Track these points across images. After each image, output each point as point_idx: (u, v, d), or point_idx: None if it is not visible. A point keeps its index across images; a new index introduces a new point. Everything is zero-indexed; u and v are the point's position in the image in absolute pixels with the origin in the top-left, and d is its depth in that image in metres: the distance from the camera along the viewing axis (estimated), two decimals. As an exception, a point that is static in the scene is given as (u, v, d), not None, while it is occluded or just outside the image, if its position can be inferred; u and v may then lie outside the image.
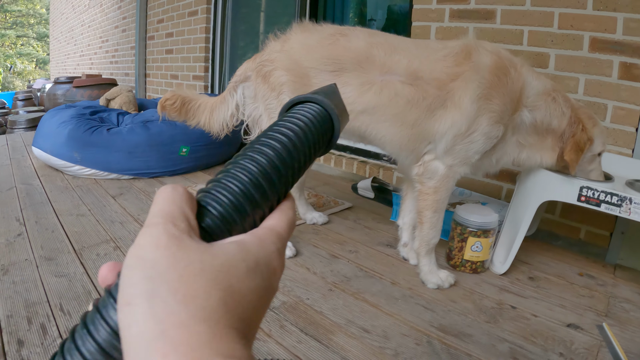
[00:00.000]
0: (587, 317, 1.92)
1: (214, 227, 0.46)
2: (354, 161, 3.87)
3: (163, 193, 0.45)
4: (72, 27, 13.63)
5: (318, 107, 0.60)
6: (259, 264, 0.43)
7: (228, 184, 0.48)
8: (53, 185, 3.46)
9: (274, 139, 0.53)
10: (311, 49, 2.15)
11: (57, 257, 2.26)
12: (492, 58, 1.97)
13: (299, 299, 1.93)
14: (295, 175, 0.55)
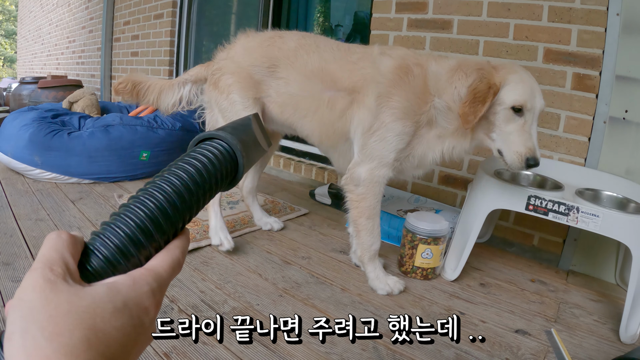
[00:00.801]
0: (535, 323, 1.96)
1: (99, 268, 0.50)
2: (313, 167, 3.90)
3: (48, 240, 0.49)
4: (40, 25, 13.47)
5: (222, 144, 0.63)
6: (127, 304, 0.48)
7: (116, 228, 0.52)
8: (13, 188, 3.42)
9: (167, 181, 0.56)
10: (251, 51, 2.37)
11: (15, 262, 2.24)
12: (393, 60, 2.08)
13: (249, 305, 1.95)
14: (190, 213, 0.58)
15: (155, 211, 0.54)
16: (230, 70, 2.38)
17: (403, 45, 3.03)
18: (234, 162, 0.64)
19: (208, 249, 2.49)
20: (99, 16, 7.80)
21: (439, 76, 2.03)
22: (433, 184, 3.08)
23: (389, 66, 2.06)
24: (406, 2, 3.13)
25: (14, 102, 7.99)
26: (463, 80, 1.97)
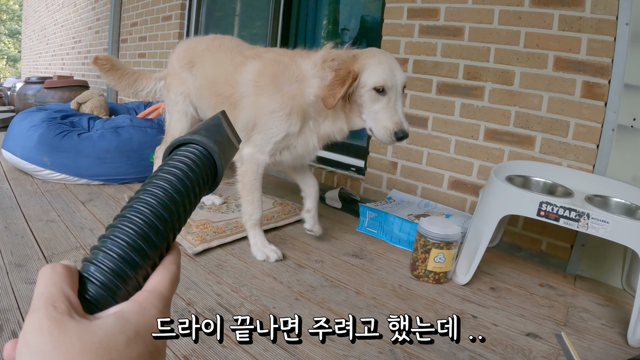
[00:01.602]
0: (546, 327, 1.97)
1: (98, 296, 0.49)
2: (322, 171, 3.91)
3: (43, 275, 0.47)
4: (45, 25, 13.44)
5: (198, 148, 0.62)
6: (139, 332, 0.47)
7: (108, 251, 0.50)
8: (22, 189, 3.42)
9: (153, 195, 0.55)
10: (179, 55, 2.84)
11: (27, 263, 2.23)
12: (262, 63, 2.42)
13: (266, 308, 1.96)
14: (180, 223, 0.58)
15: (145, 228, 0.53)
16: (170, 73, 2.88)
17: (415, 52, 3.07)
18: (213, 165, 0.63)
19: (221, 252, 2.51)
20: (106, 17, 7.80)
21: (306, 71, 2.27)
22: (443, 189, 3.10)
23: (258, 69, 2.41)
24: (418, 9, 3.15)
25: (19, 102, 7.96)
26: (328, 71, 2.15)
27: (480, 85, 2.88)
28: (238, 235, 2.69)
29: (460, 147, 3.01)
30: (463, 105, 2.96)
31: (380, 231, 2.82)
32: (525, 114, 2.73)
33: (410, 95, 3.23)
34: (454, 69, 2.99)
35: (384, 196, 3.41)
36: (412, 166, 3.26)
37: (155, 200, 0.54)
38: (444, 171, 3.09)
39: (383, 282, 2.28)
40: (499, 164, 2.68)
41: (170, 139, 2.31)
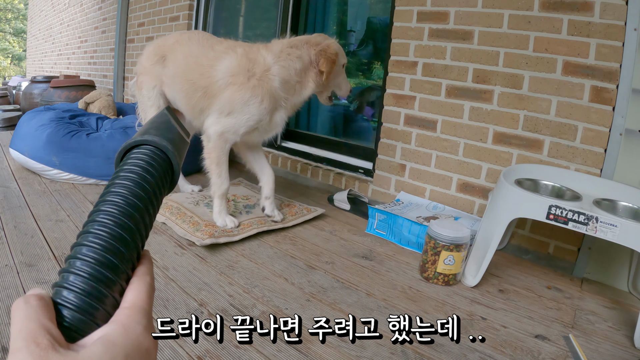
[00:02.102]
0: (554, 329, 1.98)
1: (77, 322, 0.46)
2: (331, 172, 3.92)
3: (17, 310, 0.44)
4: (51, 25, 13.44)
5: (151, 149, 0.60)
6: (128, 354, 0.45)
7: (79, 272, 0.48)
8: (31, 188, 3.43)
9: (113, 204, 0.53)
10: (149, 55, 3.07)
11: (38, 263, 2.24)
12: (233, 57, 2.76)
13: (278, 309, 1.97)
14: (146, 230, 0.56)
15: (112, 240, 0.51)
16: (141, 71, 3.10)
17: (424, 55, 3.09)
18: (169, 163, 0.61)
19: (231, 253, 2.53)
20: (112, 17, 7.80)
21: (270, 61, 2.71)
22: (451, 192, 3.11)
23: (232, 64, 2.74)
24: (428, 12, 3.15)
25: (25, 101, 7.96)
26: (294, 57, 2.74)
27: (489, 88, 2.89)
28: (246, 234, 2.71)
29: (468, 150, 3.01)
30: (472, 108, 2.97)
31: (389, 233, 2.84)
32: (534, 118, 2.74)
33: (420, 98, 3.24)
34: (463, 72, 3.00)
35: (392, 198, 3.42)
36: (421, 168, 3.27)
37: (116, 209, 0.53)
38: (453, 174, 3.10)
39: (393, 284, 2.29)
40: (508, 167, 2.70)
41: None
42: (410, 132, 3.32)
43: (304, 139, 4.45)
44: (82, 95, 5.77)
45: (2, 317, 1.77)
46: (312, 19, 4.54)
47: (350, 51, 4.59)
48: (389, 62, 3.42)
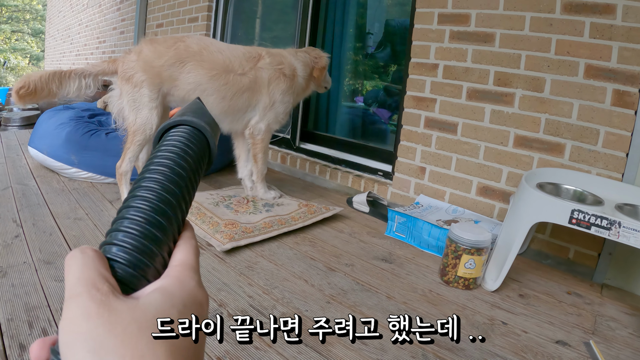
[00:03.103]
0: (574, 335, 1.97)
1: (129, 276, 0.46)
2: (349, 175, 3.91)
3: (74, 259, 0.44)
4: (69, 25, 13.53)
5: (190, 129, 0.62)
6: (186, 305, 0.45)
7: (129, 230, 0.48)
8: (49, 186, 3.46)
9: (158, 172, 0.54)
10: (161, 54, 3.01)
11: (56, 261, 2.26)
12: (274, 58, 3.21)
13: (298, 311, 1.97)
14: (187, 202, 0.56)
15: (160, 203, 0.51)
16: (142, 69, 2.99)
17: (445, 58, 3.09)
18: (206, 144, 0.62)
19: (251, 254, 2.53)
20: (131, 18, 7.84)
21: (295, 63, 3.31)
22: (471, 195, 3.10)
23: (272, 63, 3.19)
24: (448, 14, 3.15)
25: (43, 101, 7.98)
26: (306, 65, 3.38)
27: (510, 91, 2.87)
28: (266, 235, 2.71)
29: (489, 153, 3.00)
30: (493, 111, 2.95)
31: (409, 236, 2.83)
32: (555, 122, 2.72)
33: (440, 100, 3.23)
34: (484, 75, 2.98)
35: (412, 201, 3.41)
36: (441, 171, 3.26)
37: (162, 176, 0.54)
38: (473, 177, 3.09)
39: (413, 287, 2.28)
40: (530, 170, 2.68)
41: (143, 136, 3.05)
42: (431, 135, 3.31)
43: (323, 141, 4.45)
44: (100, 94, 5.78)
45: (20, 313, 1.79)
46: (330, 21, 4.54)
47: (368, 53, 4.60)
48: (410, 65, 3.41)
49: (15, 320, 1.74)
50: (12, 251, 2.34)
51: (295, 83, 3.30)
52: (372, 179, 3.78)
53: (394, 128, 4.11)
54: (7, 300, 1.88)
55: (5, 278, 2.06)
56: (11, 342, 1.61)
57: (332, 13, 4.53)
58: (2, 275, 2.08)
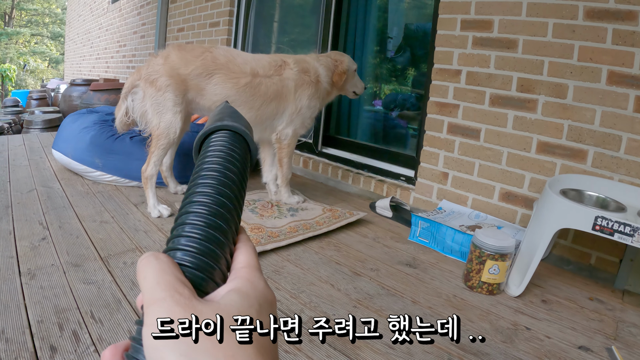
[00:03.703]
0: (596, 340, 1.97)
1: (198, 279, 0.47)
2: (372, 179, 3.92)
3: (149, 265, 0.45)
4: (89, 29, 13.63)
5: (231, 133, 0.63)
6: (261, 304, 0.47)
7: (191, 235, 0.50)
8: (74, 189, 3.50)
9: (211, 177, 0.55)
10: (188, 62, 3.04)
11: (84, 263, 2.29)
12: (298, 65, 3.27)
13: (326, 315, 1.98)
14: (241, 205, 0.58)
15: (217, 206, 0.52)
16: (168, 74, 3.01)
17: (468, 64, 3.09)
18: (247, 147, 0.64)
19: (277, 258, 2.55)
20: (152, 22, 7.89)
21: (320, 69, 3.35)
22: (493, 201, 3.10)
23: (297, 70, 3.25)
24: (471, 20, 3.16)
25: (64, 103, 8.07)
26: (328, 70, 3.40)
27: (533, 98, 2.88)
28: (292, 239, 2.73)
29: (512, 159, 3.01)
30: (516, 117, 2.96)
31: (432, 241, 2.84)
32: (578, 128, 2.73)
33: (463, 106, 3.24)
34: (507, 81, 2.99)
35: (434, 206, 3.43)
36: (464, 177, 3.28)
37: (216, 181, 0.55)
38: (495, 183, 3.10)
39: (438, 292, 2.30)
40: (553, 177, 2.68)
41: (167, 139, 3.07)
42: (454, 141, 3.32)
43: (345, 146, 4.46)
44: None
45: (49, 315, 1.82)
46: (352, 25, 4.56)
47: (387, 58, 4.61)
48: (432, 70, 3.42)
49: (45, 322, 1.76)
50: (39, 253, 2.38)
51: (319, 88, 3.33)
52: (394, 184, 3.79)
53: (413, 132, 4.12)
54: (37, 302, 1.90)
55: (34, 280, 2.09)
56: (42, 343, 1.63)
57: (354, 17, 4.54)
58: (30, 277, 2.11)
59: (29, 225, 2.73)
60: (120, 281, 2.14)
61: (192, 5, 6.54)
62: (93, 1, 13.18)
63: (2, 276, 2.11)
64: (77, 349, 1.62)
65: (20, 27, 30.52)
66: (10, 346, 1.61)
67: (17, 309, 1.84)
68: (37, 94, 10.40)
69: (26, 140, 5.55)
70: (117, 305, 1.93)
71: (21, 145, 5.20)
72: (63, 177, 3.82)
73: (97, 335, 1.71)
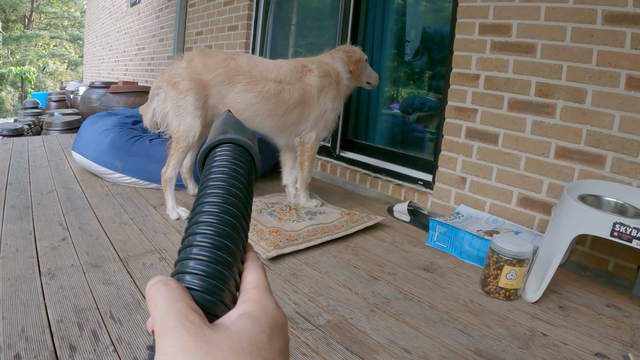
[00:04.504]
0: (613, 347, 1.96)
1: (208, 303, 0.47)
2: (390, 184, 3.93)
3: (159, 292, 0.45)
4: (108, 32, 13.72)
5: (234, 146, 0.63)
6: (272, 328, 0.46)
7: (199, 257, 0.49)
8: (93, 191, 3.54)
9: (216, 195, 0.55)
10: (211, 68, 3.08)
11: (104, 264, 2.31)
12: (320, 68, 3.27)
13: (343, 318, 1.99)
14: (247, 222, 0.57)
15: (223, 226, 0.52)
16: (190, 78, 3.06)
17: (486, 68, 3.09)
18: (251, 159, 0.63)
19: (295, 261, 2.56)
20: (170, 25, 7.93)
21: (337, 66, 3.36)
22: (511, 206, 3.10)
23: (319, 73, 3.25)
24: (490, 25, 3.15)
25: (83, 106, 8.13)
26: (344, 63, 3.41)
27: (552, 102, 2.87)
28: (310, 243, 2.74)
29: (530, 164, 3.00)
30: (534, 122, 2.95)
31: (450, 246, 2.84)
32: (597, 133, 2.72)
33: (481, 111, 3.24)
34: (525, 85, 2.98)
35: (452, 211, 3.43)
36: (481, 182, 3.27)
37: (221, 199, 0.54)
38: (513, 188, 3.09)
39: (455, 297, 2.29)
40: (572, 182, 2.67)
41: (186, 143, 3.12)
42: (472, 145, 3.32)
43: (362, 149, 4.47)
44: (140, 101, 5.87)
45: (69, 315, 1.84)
46: (370, 29, 4.56)
47: (405, 61, 4.61)
48: (451, 75, 3.42)
49: (65, 321, 1.79)
50: (59, 253, 2.41)
51: (341, 87, 3.35)
52: (412, 188, 3.79)
53: (431, 136, 4.12)
54: (57, 301, 1.93)
55: (54, 280, 2.12)
56: (61, 342, 1.65)
57: (372, 21, 4.55)
58: (50, 277, 2.14)
59: (49, 226, 2.77)
60: (140, 282, 2.16)
61: (211, 9, 6.59)
62: (112, 5, 13.28)
63: (23, 276, 2.14)
64: (97, 348, 1.64)
65: (39, 29, 30.82)
66: (30, 345, 1.63)
67: (37, 309, 1.86)
68: (56, 96, 10.49)
69: (46, 141, 5.60)
70: (136, 306, 1.95)
71: (41, 146, 5.26)
72: (83, 178, 3.85)
73: (116, 335, 1.73)
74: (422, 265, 2.65)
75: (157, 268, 2.33)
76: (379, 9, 4.52)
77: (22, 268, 2.21)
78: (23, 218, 2.86)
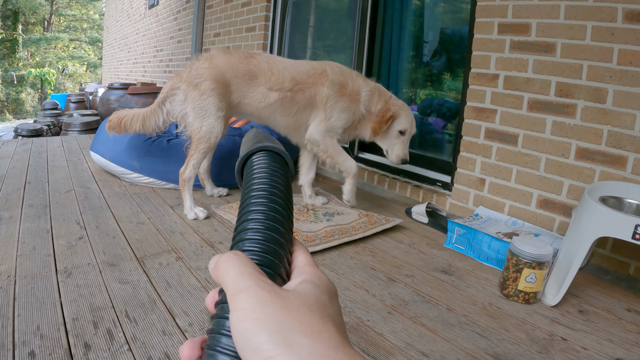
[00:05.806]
0: (634, 353, 1.93)
1: (269, 275, 0.50)
2: (408, 185, 3.92)
3: (230, 261, 0.49)
4: (127, 34, 13.84)
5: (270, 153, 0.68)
6: (330, 292, 0.51)
7: (254, 238, 0.54)
8: (111, 190, 3.57)
9: (263, 189, 0.60)
10: (233, 67, 3.13)
11: (120, 263, 2.33)
12: (338, 75, 3.24)
13: (360, 320, 1.98)
14: (292, 215, 0.62)
15: (273, 212, 0.57)
16: (213, 78, 3.07)
17: (505, 68, 3.06)
18: (287, 165, 0.69)
19: (311, 262, 2.52)
20: (188, 27, 7.97)
21: (363, 92, 3.27)
22: (531, 208, 3.06)
23: (336, 79, 3.23)
24: (509, 24, 3.12)
25: (102, 107, 8.19)
26: (374, 101, 3.31)
27: (572, 102, 2.84)
28: (328, 244, 2.74)
29: (550, 165, 2.96)
30: (554, 123, 2.91)
31: (468, 248, 2.82)
32: (618, 134, 2.68)
33: (501, 111, 3.20)
34: (545, 85, 2.95)
35: (471, 212, 3.40)
36: (501, 183, 3.24)
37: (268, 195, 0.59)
38: (533, 189, 3.05)
39: (473, 300, 2.27)
40: (592, 184, 2.64)
41: (208, 143, 3.12)
42: (491, 146, 3.28)
43: (381, 150, 4.43)
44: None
45: (84, 313, 1.86)
46: (388, 30, 4.55)
47: (423, 62, 4.58)
48: (470, 75, 3.39)
49: (80, 319, 1.80)
50: (76, 252, 2.43)
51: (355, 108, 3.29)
52: (430, 189, 3.76)
53: (450, 137, 4.10)
54: (72, 300, 1.95)
55: (70, 278, 2.13)
56: (76, 340, 1.67)
57: (389, 22, 4.53)
58: (67, 275, 2.16)
59: (67, 225, 2.79)
60: (156, 282, 2.17)
61: (229, 11, 6.61)
62: (130, 7, 13.40)
63: (39, 273, 2.16)
64: (111, 347, 1.65)
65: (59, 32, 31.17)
66: (45, 342, 1.64)
67: (52, 306, 1.88)
68: (75, 97, 10.58)
69: (64, 142, 5.66)
70: (151, 306, 1.96)
71: (60, 146, 5.31)
72: (100, 178, 3.88)
73: (131, 334, 1.73)
74: (440, 268, 2.63)
75: (173, 268, 2.34)
76: (397, 10, 4.50)
77: (39, 266, 2.24)
78: (41, 217, 2.89)
